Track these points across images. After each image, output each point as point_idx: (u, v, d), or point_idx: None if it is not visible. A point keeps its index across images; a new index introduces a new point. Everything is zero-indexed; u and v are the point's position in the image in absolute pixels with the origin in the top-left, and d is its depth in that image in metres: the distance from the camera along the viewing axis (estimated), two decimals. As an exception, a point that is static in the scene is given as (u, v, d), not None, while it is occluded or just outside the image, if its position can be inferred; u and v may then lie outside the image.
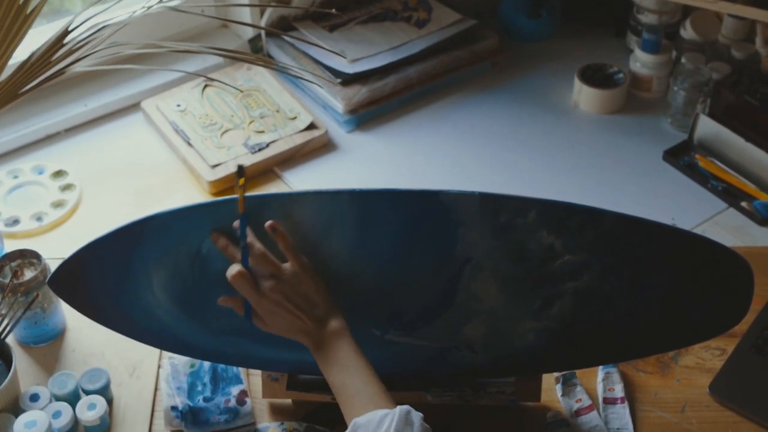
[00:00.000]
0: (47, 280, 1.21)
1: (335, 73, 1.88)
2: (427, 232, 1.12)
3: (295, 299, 1.11)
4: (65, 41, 1.39)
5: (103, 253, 1.15)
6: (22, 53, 1.39)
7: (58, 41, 1.39)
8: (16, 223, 1.65)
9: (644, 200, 1.72)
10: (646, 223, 1.12)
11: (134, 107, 1.89)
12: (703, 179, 1.76)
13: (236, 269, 1.09)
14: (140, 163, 1.79)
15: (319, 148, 1.82)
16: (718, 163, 1.77)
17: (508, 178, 1.78)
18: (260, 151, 1.76)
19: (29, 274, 1.35)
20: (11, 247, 1.43)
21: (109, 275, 1.17)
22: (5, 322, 1.31)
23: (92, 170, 1.76)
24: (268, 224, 1.09)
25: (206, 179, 1.71)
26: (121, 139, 1.84)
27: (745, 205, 1.70)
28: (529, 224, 1.11)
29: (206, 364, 1.35)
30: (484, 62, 2.00)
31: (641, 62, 1.93)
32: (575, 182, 1.77)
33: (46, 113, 1.83)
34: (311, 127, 1.82)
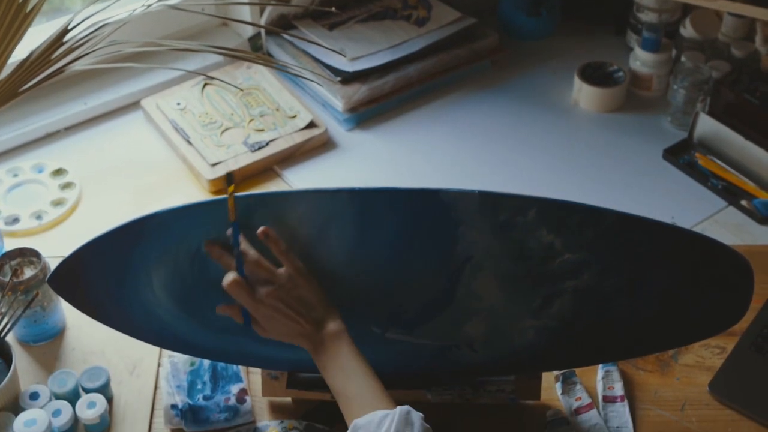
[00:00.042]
0: (47, 278, 1.21)
1: (335, 71, 1.88)
2: (426, 230, 1.12)
3: (291, 303, 1.11)
4: (65, 39, 1.39)
5: (102, 251, 1.15)
6: (21, 52, 1.39)
7: (57, 39, 1.38)
8: (15, 221, 1.65)
9: (644, 199, 1.72)
10: (645, 221, 1.12)
11: (134, 105, 1.89)
12: (702, 178, 1.75)
13: (231, 277, 1.09)
14: (140, 161, 1.79)
15: (318, 146, 1.82)
16: (717, 161, 1.77)
17: (507, 176, 1.78)
18: (260, 149, 1.76)
19: (29, 272, 1.35)
20: (11, 245, 1.44)
21: (108, 274, 1.17)
22: (5, 320, 1.31)
23: (92, 169, 1.76)
24: (260, 230, 1.10)
25: (206, 178, 1.71)
26: (120, 137, 1.84)
27: (744, 203, 1.70)
28: (528, 223, 1.11)
29: (206, 362, 1.35)
30: (483, 60, 2.00)
31: (641, 61, 1.93)
32: (575, 181, 1.77)
33: (45, 112, 1.83)
34: (311, 125, 1.82)
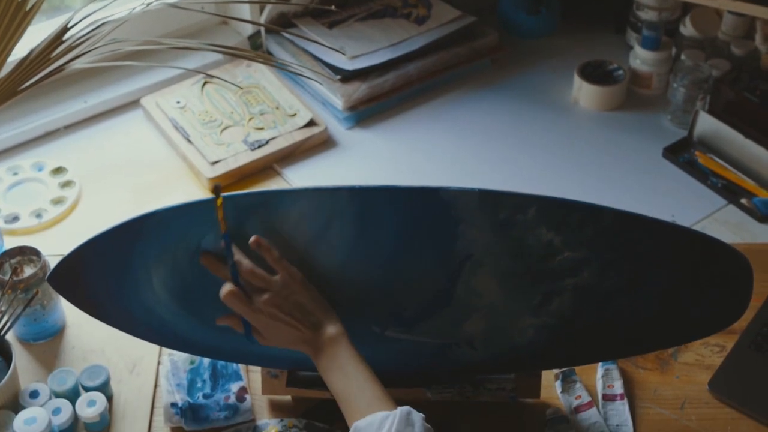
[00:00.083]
0: (47, 276, 1.21)
1: (335, 69, 1.88)
2: (426, 228, 1.12)
3: (289, 310, 1.11)
4: (65, 38, 1.39)
5: (102, 249, 1.15)
6: (21, 50, 1.39)
7: (57, 38, 1.38)
8: (15, 219, 1.65)
9: (644, 197, 1.72)
10: (645, 219, 1.12)
11: (134, 104, 1.89)
12: (702, 176, 1.75)
13: (227, 289, 1.10)
14: (140, 159, 1.79)
15: (318, 144, 1.82)
16: (717, 159, 1.77)
17: (507, 174, 1.78)
18: (260, 147, 1.76)
19: (29, 271, 1.35)
20: (11, 244, 1.44)
21: (108, 272, 1.17)
22: (5, 319, 1.31)
23: (92, 167, 1.76)
24: (252, 240, 1.10)
25: (206, 176, 1.71)
26: (120, 136, 1.84)
27: (744, 201, 1.70)
28: (528, 221, 1.11)
29: (206, 360, 1.35)
30: (483, 59, 2.00)
31: (641, 59, 1.93)
32: (575, 179, 1.77)
33: (45, 110, 1.83)
34: (311, 123, 1.82)
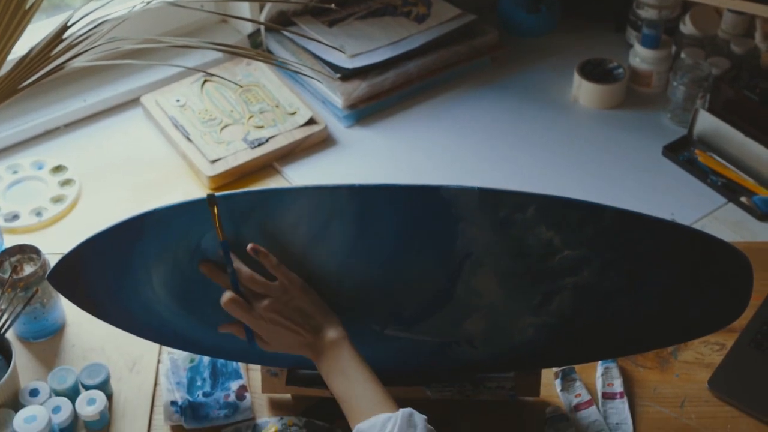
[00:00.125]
0: (47, 275, 1.21)
1: (334, 68, 1.88)
2: (426, 227, 1.12)
3: (289, 314, 1.12)
4: (64, 36, 1.39)
5: (102, 248, 1.15)
6: (21, 48, 1.39)
7: (57, 36, 1.38)
8: (15, 218, 1.65)
9: (644, 195, 1.72)
10: (645, 218, 1.12)
11: (133, 102, 1.89)
12: (702, 174, 1.75)
13: (228, 296, 1.11)
14: (140, 158, 1.79)
15: (318, 143, 1.82)
16: (717, 158, 1.77)
17: (507, 173, 1.78)
18: (260, 146, 1.76)
19: (29, 269, 1.35)
20: (11, 242, 1.44)
21: (108, 270, 1.17)
22: (5, 317, 1.31)
23: (92, 165, 1.76)
24: (249, 247, 1.10)
25: (206, 174, 1.71)
26: (120, 134, 1.84)
27: (744, 200, 1.70)
28: (528, 219, 1.11)
29: (206, 359, 1.35)
30: (483, 57, 2.00)
31: (641, 57, 1.93)
32: (574, 177, 1.77)
33: (45, 108, 1.83)
34: (311, 122, 1.82)
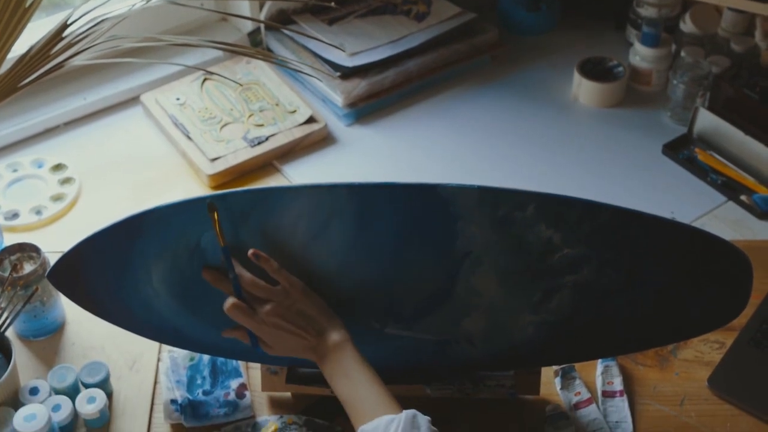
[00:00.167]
0: (47, 273, 1.21)
1: (334, 66, 1.88)
2: (425, 225, 1.12)
3: (292, 318, 1.12)
4: (64, 35, 1.39)
5: (102, 246, 1.15)
6: (21, 47, 1.39)
7: (57, 35, 1.38)
8: (15, 216, 1.65)
9: (643, 194, 1.72)
10: (644, 216, 1.12)
11: (133, 101, 1.88)
12: (702, 173, 1.75)
13: (231, 302, 1.11)
14: (139, 156, 1.79)
15: (318, 141, 1.82)
16: (717, 156, 1.77)
17: (507, 171, 1.77)
18: (259, 144, 1.76)
19: (29, 267, 1.35)
20: (10, 240, 1.44)
21: (108, 269, 1.17)
22: (5, 315, 1.31)
23: (91, 164, 1.76)
24: (250, 252, 1.11)
25: (205, 173, 1.71)
26: (120, 132, 1.84)
27: (744, 198, 1.70)
28: (527, 218, 1.11)
29: (206, 357, 1.35)
30: (483, 56, 2.00)
31: (641, 56, 1.93)
32: (574, 176, 1.77)
33: (45, 107, 1.83)
34: (310, 120, 1.82)
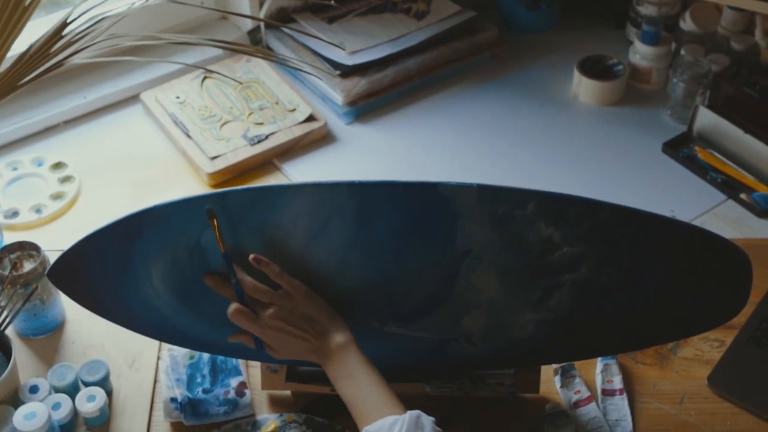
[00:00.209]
0: (46, 271, 1.21)
1: (334, 64, 1.88)
2: (425, 224, 1.12)
3: (295, 321, 1.12)
4: (64, 33, 1.39)
5: (102, 245, 1.15)
6: (20, 45, 1.39)
7: (56, 33, 1.38)
8: (15, 215, 1.65)
9: (643, 192, 1.72)
10: (644, 214, 1.12)
11: (133, 99, 1.89)
12: (702, 171, 1.76)
13: (233, 307, 1.11)
14: (139, 155, 1.79)
15: (318, 140, 1.82)
16: (717, 155, 1.77)
17: (507, 169, 1.78)
18: (259, 143, 1.76)
19: (28, 266, 1.35)
20: (10, 239, 1.44)
21: (108, 267, 1.17)
22: (4, 313, 1.31)
23: (91, 162, 1.76)
24: (251, 257, 1.11)
25: (205, 171, 1.71)
26: (120, 131, 1.84)
27: (744, 196, 1.70)
28: (527, 216, 1.11)
29: (205, 355, 1.35)
30: (483, 54, 2.00)
31: (641, 54, 1.93)
32: (574, 174, 1.77)
33: (45, 105, 1.83)
34: (310, 119, 1.82)
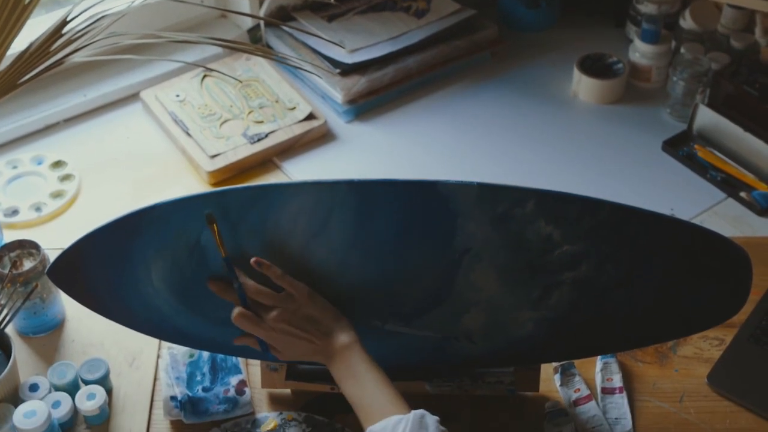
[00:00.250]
0: (46, 270, 1.21)
1: (334, 63, 1.88)
2: (425, 222, 1.12)
3: (298, 323, 1.12)
4: (64, 31, 1.39)
5: (102, 243, 1.15)
6: (20, 43, 1.39)
7: (56, 31, 1.38)
8: (15, 213, 1.65)
9: (643, 190, 1.72)
10: (644, 213, 1.12)
11: (133, 97, 1.89)
12: (702, 169, 1.75)
13: (237, 311, 1.12)
14: (139, 153, 1.79)
15: (318, 138, 1.82)
16: (717, 153, 1.77)
17: (506, 168, 1.78)
18: (259, 141, 1.76)
19: (28, 264, 1.35)
20: (10, 237, 1.44)
21: (108, 266, 1.17)
22: (4, 312, 1.31)
23: (91, 160, 1.76)
24: (253, 261, 1.11)
25: (205, 169, 1.71)
26: (120, 129, 1.84)
27: (744, 195, 1.70)
28: (527, 214, 1.11)
29: (205, 354, 1.35)
30: (483, 52, 2.00)
31: (640, 52, 1.93)
32: (574, 172, 1.77)
33: (45, 103, 1.83)
34: (310, 117, 1.82)
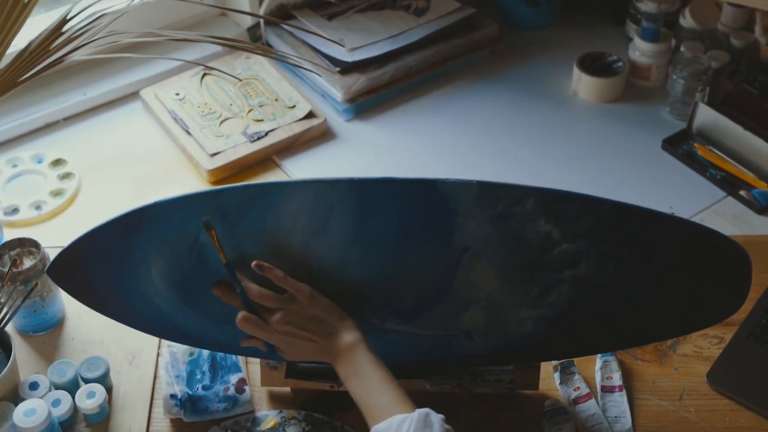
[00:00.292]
0: (46, 268, 1.21)
1: (334, 61, 1.88)
2: (425, 220, 1.12)
3: (302, 324, 1.13)
4: (64, 30, 1.39)
5: (102, 241, 1.15)
6: (20, 42, 1.39)
7: (56, 30, 1.38)
8: (15, 211, 1.65)
9: (643, 189, 1.72)
10: (643, 211, 1.12)
11: (133, 96, 1.89)
12: (701, 168, 1.76)
13: (241, 315, 1.12)
14: (139, 151, 1.79)
15: (317, 136, 1.82)
16: (716, 151, 1.77)
17: (506, 166, 1.78)
18: (259, 139, 1.76)
19: (28, 262, 1.35)
20: (10, 235, 1.44)
21: (108, 264, 1.17)
22: (4, 310, 1.31)
23: (91, 159, 1.76)
24: (253, 264, 1.11)
25: (205, 168, 1.71)
26: (120, 127, 1.84)
27: (743, 193, 1.70)
28: (527, 213, 1.11)
29: (205, 352, 1.35)
30: (483, 51, 2.00)
31: (640, 51, 1.93)
32: (574, 171, 1.77)
33: (45, 102, 1.83)
34: (310, 115, 1.82)
